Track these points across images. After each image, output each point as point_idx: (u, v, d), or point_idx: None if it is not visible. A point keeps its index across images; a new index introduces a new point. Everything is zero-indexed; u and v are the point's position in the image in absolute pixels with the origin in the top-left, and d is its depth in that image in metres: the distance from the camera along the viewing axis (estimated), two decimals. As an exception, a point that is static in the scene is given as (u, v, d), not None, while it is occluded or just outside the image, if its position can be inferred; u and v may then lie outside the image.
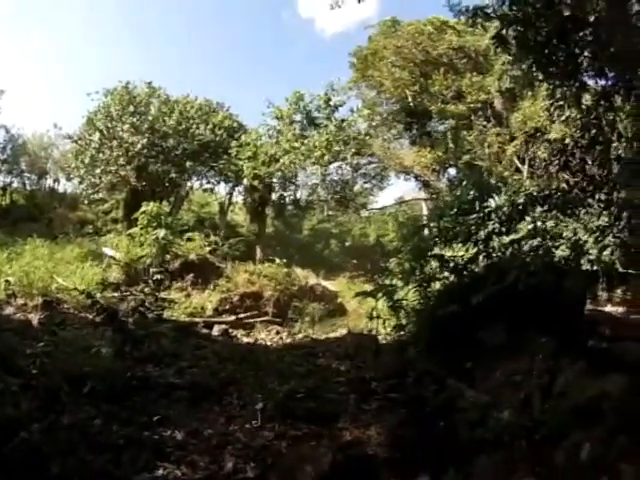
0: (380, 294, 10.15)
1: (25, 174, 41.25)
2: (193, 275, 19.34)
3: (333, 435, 5.73)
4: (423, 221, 13.56)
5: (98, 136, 27.73)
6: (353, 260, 35.72)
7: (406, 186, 64.99)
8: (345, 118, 28.10)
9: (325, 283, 24.88)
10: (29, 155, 40.19)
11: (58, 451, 4.41)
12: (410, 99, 28.57)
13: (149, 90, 29.36)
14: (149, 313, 9.94)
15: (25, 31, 66.05)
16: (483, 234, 8.39)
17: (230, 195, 34.50)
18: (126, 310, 10.44)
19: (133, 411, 6.05)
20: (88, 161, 27.79)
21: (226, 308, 17.81)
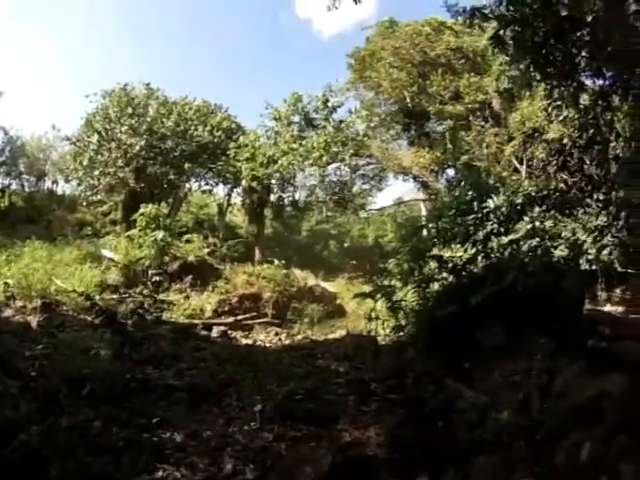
0: (379, 295, 10.17)
1: (24, 176, 41.20)
2: (192, 277, 19.36)
3: (332, 436, 5.73)
4: (422, 222, 13.54)
5: (96, 138, 27.71)
6: (352, 261, 35.82)
7: (405, 187, 65.11)
8: (343, 119, 28.16)
9: (324, 284, 24.92)
10: (27, 157, 40.12)
11: (57, 453, 4.41)
12: (408, 100, 28.61)
13: (147, 92, 29.36)
14: (148, 315, 9.96)
15: (25, 31, 66.01)
16: (482, 234, 8.39)
17: (229, 196, 34.52)
18: (125, 312, 10.47)
19: (132, 413, 6.05)
20: (86, 163, 27.76)
21: (225, 310, 17.83)
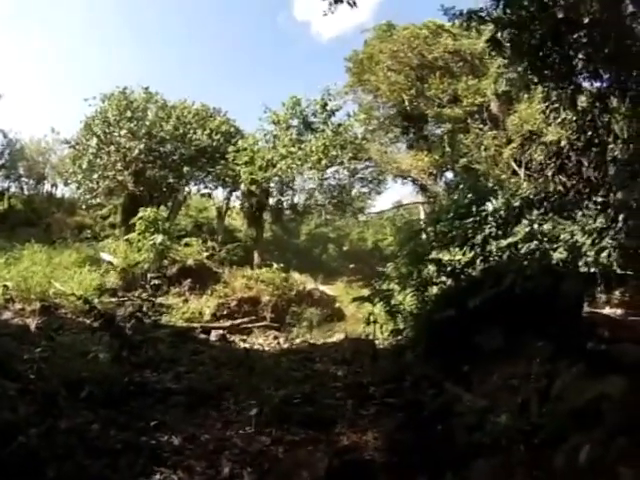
0: (377, 299, 10.17)
1: (23, 179, 41.22)
2: (191, 280, 19.32)
3: (330, 440, 5.73)
4: (421, 225, 13.55)
5: (95, 141, 27.72)
6: (351, 264, 35.75)
7: (404, 190, 65.35)
8: (342, 122, 28.08)
9: (323, 288, 24.87)
10: (27, 160, 40.14)
11: (55, 455, 4.42)
12: (406, 103, 28.58)
13: (146, 95, 29.36)
14: (146, 318, 9.92)
15: (25, 31, 65.84)
16: (480, 238, 8.39)
17: (227, 200, 34.48)
18: (123, 315, 10.45)
19: (130, 416, 6.06)
20: (86, 166, 27.77)
21: (224, 313, 17.78)
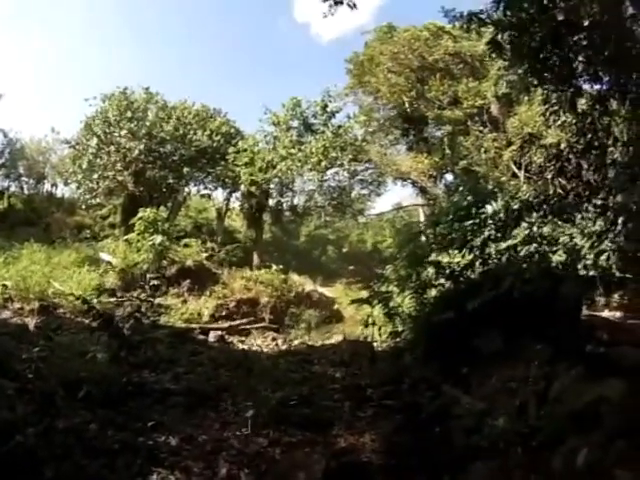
0: (376, 301, 10.16)
1: (23, 178, 41.24)
2: (190, 281, 19.32)
3: (327, 442, 5.72)
4: (420, 227, 13.54)
5: (96, 141, 27.73)
6: (350, 266, 35.77)
7: (403, 192, 65.20)
8: (342, 124, 28.11)
9: (322, 289, 24.89)
10: (27, 159, 40.15)
11: (53, 455, 4.42)
12: (407, 105, 28.60)
13: (147, 96, 29.39)
14: (145, 319, 9.92)
15: (25, 31, 65.83)
16: (479, 240, 8.38)
17: (227, 201, 34.51)
18: (122, 316, 10.43)
19: (128, 416, 6.05)
20: (86, 166, 27.77)
21: (222, 314, 17.79)
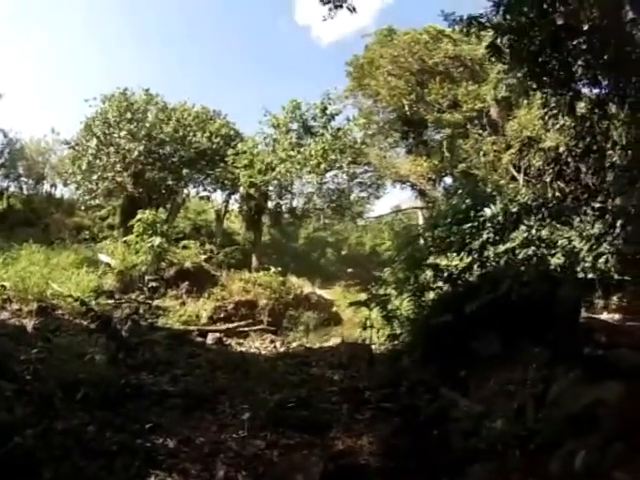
0: (374, 304, 10.16)
1: (22, 179, 41.06)
2: (188, 283, 19.25)
3: (325, 444, 5.72)
4: (419, 230, 13.56)
5: (95, 142, 27.67)
6: (349, 269, 35.74)
7: (402, 195, 65.16)
8: (341, 127, 28.10)
9: (320, 292, 24.82)
10: (26, 160, 40.03)
11: (51, 457, 4.43)
12: (406, 108, 28.60)
13: (146, 97, 29.34)
14: (143, 321, 9.95)
15: (25, 31, 65.59)
16: (477, 243, 8.39)
17: (226, 203, 34.47)
18: (120, 317, 10.44)
19: (126, 418, 6.06)
20: (85, 167, 27.71)
21: (221, 316, 17.72)
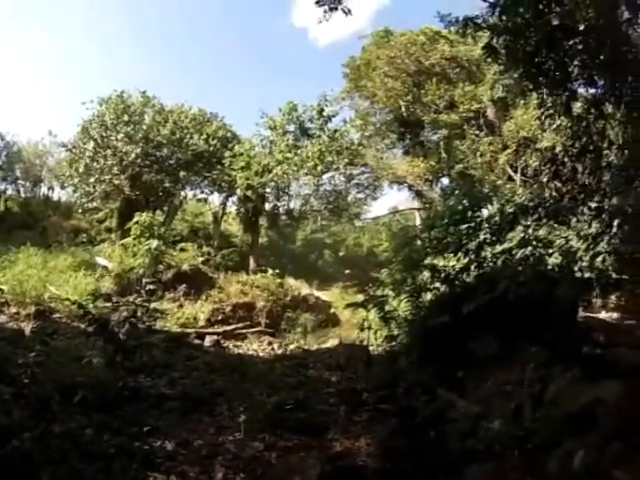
0: (371, 305, 10.15)
1: (19, 181, 40.81)
2: (186, 285, 19.27)
3: (323, 446, 5.73)
4: (416, 231, 13.55)
5: (92, 145, 27.57)
6: (346, 270, 35.68)
7: (399, 196, 65.08)
8: (338, 128, 27.99)
9: (318, 293, 24.80)
10: (24, 162, 39.83)
11: (49, 460, 4.44)
12: (403, 109, 28.61)
13: (143, 99, 29.28)
14: (141, 324, 9.94)
15: (25, 31, 65.27)
16: (474, 244, 8.39)
17: (224, 205, 34.36)
18: (118, 320, 10.42)
19: (124, 421, 6.06)
20: (82, 170, 27.60)
21: (218, 319, 17.74)
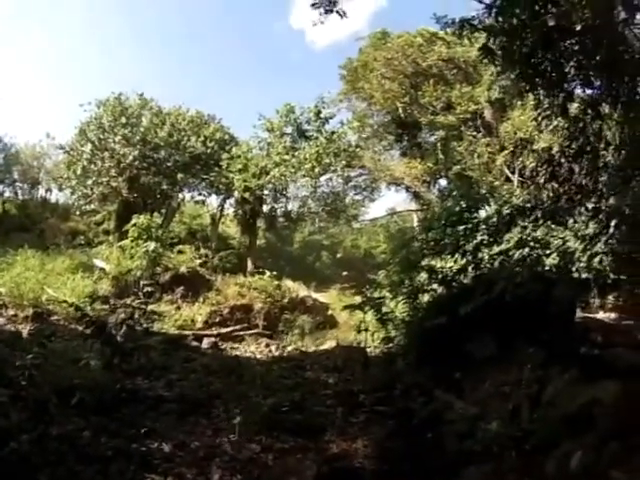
0: (369, 307, 10.14)
1: (17, 184, 40.91)
2: (183, 288, 19.24)
3: (319, 448, 5.72)
4: (414, 232, 13.54)
5: (90, 147, 27.51)
6: (344, 272, 35.67)
7: (397, 197, 65.34)
8: (335, 130, 27.96)
9: (316, 295, 24.78)
10: (22, 164, 39.86)
11: (47, 462, 4.45)
12: (400, 111, 28.57)
13: (141, 101, 29.24)
14: (138, 326, 9.94)
15: (25, 31, 65.15)
16: (471, 245, 8.39)
17: (221, 207, 34.28)
18: (115, 323, 10.41)
19: (121, 423, 6.05)
20: (80, 172, 27.56)
21: (216, 321, 17.69)
